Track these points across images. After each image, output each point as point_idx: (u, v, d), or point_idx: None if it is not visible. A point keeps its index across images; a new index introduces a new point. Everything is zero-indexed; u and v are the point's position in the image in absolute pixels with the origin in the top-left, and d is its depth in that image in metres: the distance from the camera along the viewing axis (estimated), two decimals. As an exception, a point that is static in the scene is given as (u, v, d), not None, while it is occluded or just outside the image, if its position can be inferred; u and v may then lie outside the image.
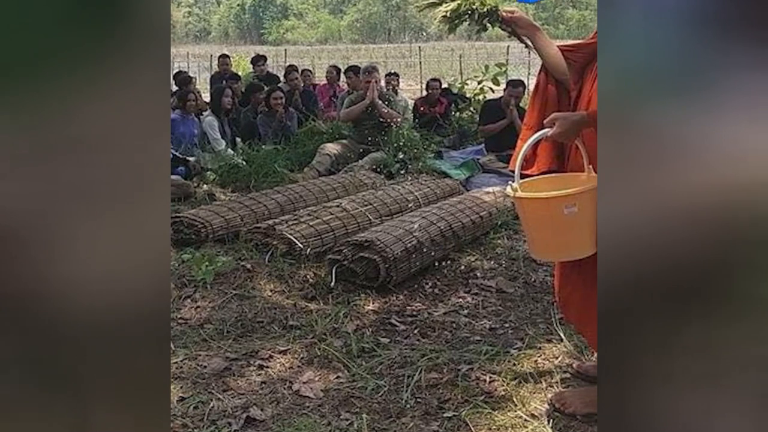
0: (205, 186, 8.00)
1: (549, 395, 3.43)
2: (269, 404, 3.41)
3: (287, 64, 16.91)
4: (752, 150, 1.77)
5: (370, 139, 8.85)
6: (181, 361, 3.80)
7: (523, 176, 3.07)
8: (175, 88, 10.61)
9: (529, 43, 3.32)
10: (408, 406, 3.37)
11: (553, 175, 3.19)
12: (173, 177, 7.39)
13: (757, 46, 1.76)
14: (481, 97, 12.98)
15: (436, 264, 5.30)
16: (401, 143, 8.61)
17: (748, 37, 1.77)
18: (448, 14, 3.31)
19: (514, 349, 3.97)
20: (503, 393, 3.48)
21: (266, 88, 10.16)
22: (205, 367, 3.74)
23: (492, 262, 5.41)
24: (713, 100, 1.81)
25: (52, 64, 1.61)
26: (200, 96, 10.31)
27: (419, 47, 32.54)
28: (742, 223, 1.79)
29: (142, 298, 1.72)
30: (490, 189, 6.82)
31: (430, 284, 5.02)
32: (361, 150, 8.84)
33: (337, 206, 5.95)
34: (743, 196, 1.78)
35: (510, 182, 3.01)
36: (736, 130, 1.79)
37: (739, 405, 1.84)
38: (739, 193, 1.79)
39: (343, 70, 12.79)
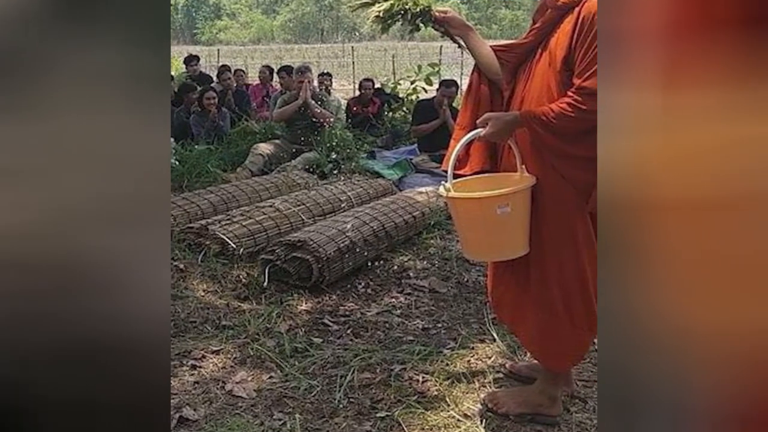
0: (137, 186, 7.86)
1: (482, 395, 3.45)
2: (202, 404, 3.38)
3: (220, 64, 16.80)
4: None
5: (302, 139, 8.82)
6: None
7: (456, 176, 3.08)
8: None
9: (462, 43, 3.31)
10: (341, 406, 3.37)
11: (485, 175, 3.19)
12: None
13: None
14: (413, 97, 13.06)
15: (369, 264, 5.30)
16: (334, 143, 8.59)
17: None
18: (380, 14, 3.30)
19: (447, 349, 3.98)
20: (436, 393, 3.50)
21: (199, 88, 10.07)
22: (137, 367, 3.69)
23: (425, 262, 5.43)
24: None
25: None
26: (133, 96, 10.16)
27: (352, 47, 32.47)
28: None
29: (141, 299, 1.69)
30: (422, 189, 6.84)
31: (363, 284, 5.03)
32: (293, 150, 8.79)
33: (270, 206, 5.93)
34: None
35: (443, 182, 3.02)
36: None
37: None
38: None
39: (275, 70, 12.74)
